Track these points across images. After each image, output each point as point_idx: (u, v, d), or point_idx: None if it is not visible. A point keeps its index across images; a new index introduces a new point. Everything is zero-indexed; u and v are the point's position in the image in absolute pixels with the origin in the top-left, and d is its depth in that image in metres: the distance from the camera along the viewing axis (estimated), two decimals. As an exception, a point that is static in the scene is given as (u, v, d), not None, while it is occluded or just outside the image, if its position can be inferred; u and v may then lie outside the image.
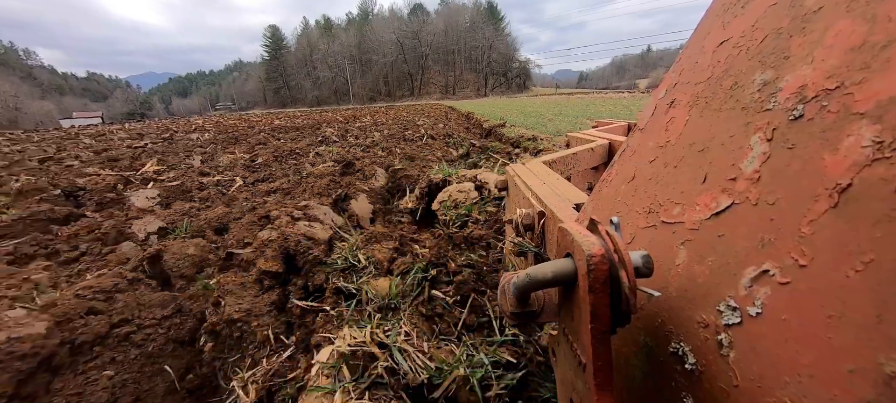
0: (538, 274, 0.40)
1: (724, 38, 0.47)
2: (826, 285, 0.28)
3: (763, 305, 0.33)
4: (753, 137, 0.38)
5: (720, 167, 0.41)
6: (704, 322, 0.38)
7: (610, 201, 0.60)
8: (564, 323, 0.45)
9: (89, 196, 3.34)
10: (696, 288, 0.39)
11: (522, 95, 75.21)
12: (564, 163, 1.51)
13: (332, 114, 21.94)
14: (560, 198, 0.83)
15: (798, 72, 0.35)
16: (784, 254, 0.32)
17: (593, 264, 0.34)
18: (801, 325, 0.30)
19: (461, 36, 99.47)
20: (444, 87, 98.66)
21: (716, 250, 0.38)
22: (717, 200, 0.40)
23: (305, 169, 4.31)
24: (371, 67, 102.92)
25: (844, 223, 0.28)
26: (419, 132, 7.18)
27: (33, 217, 2.63)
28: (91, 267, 2.07)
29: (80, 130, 19.02)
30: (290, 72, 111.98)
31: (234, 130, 11.49)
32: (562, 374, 0.50)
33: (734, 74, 0.43)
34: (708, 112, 0.45)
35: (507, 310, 0.46)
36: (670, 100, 0.53)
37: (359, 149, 5.45)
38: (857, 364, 0.26)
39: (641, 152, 0.56)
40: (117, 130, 17.21)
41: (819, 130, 0.32)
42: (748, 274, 0.34)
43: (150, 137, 10.66)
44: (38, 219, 2.65)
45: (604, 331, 0.37)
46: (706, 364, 0.37)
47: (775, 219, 0.33)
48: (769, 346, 0.31)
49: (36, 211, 2.69)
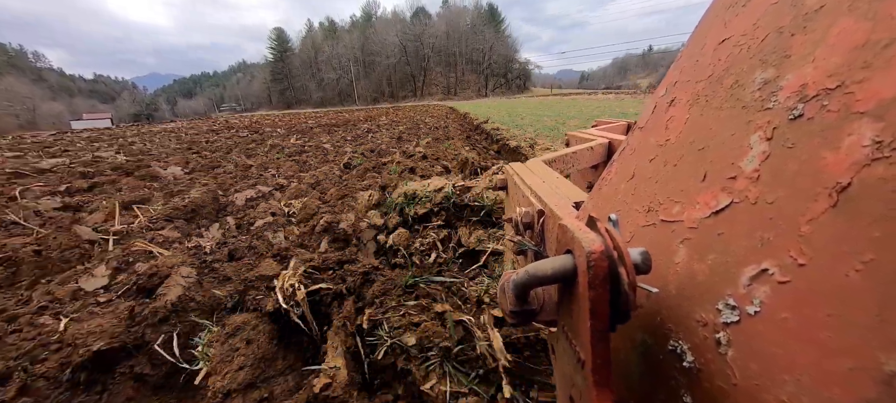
0: (538, 272, 0.40)
1: (725, 36, 0.46)
2: (825, 284, 0.28)
3: (762, 303, 0.32)
4: (753, 136, 0.38)
5: (720, 166, 0.41)
6: (703, 321, 0.38)
7: (609, 199, 0.60)
8: (564, 320, 0.45)
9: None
10: (695, 286, 0.39)
11: (522, 95, 75.55)
12: (564, 162, 1.51)
13: (348, 115, 25.02)
14: (560, 196, 0.83)
15: (799, 71, 0.35)
16: (783, 253, 0.32)
17: (593, 260, 0.34)
18: (799, 324, 0.29)
19: (462, 38, 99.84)
20: (446, 87, 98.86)
21: (715, 248, 0.38)
22: (717, 198, 0.40)
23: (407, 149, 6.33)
24: (374, 68, 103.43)
25: (844, 223, 0.28)
26: (428, 127, 10.38)
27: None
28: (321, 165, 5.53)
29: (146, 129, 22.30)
30: (295, 73, 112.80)
31: (300, 124, 15.83)
32: (561, 370, 0.50)
33: (735, 72, 0.43)
34: (708, 111, 0.45)
35: (507, 308, 0.46)
36: (670, 98, 0.53)
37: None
38: (856, 363, 0.26)
39: (641, 150, 0.56)
40: (186, 128, 19.85)
41: (819, 129, 0.32)
42: (747, 273, 0.34)
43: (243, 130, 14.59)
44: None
45: (603, 328, 0.37)
46: (704, 362, 0.37)
47: (775, 218, 0.33)
48: (768, 345, 0.31)
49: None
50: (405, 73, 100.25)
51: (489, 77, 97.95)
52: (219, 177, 4.80)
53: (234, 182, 4.42)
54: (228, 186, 4.22)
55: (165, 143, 9.88)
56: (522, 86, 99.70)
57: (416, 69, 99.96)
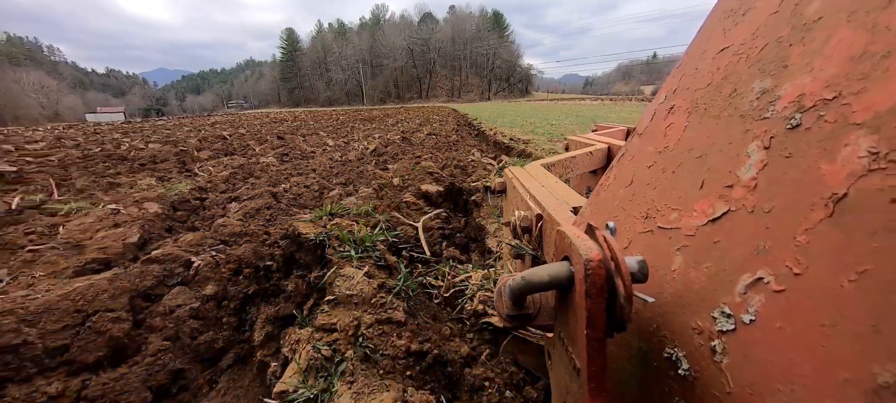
0: (534, 278, 0.40)
1: (724, 45, 0.47)
2: (821, 294, 0.28)
3: (757, 312, 0.32)
4: (751, 145, 0.38)
5: (717, 174, 0.41)
6: (699, 328, 0.38)
7: (607, 205, 0.60)
8: (560, 327, 0.45)
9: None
10: (691, 294, 0.39)
11: (523, 99, 76.08)
12: (563, 166, 1.51)
13: (366, 113, 28.16)
14: (558, 201, 0.83)
15: (797, 81, 0.35)
16: (779, 262, 0.32)
17: (591, 269, 0.34)
18: (795, 333, 0.29)
19: (467, 43, 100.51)
20: (450, 90, 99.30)
21: (711, 256, 0.38)
22: (714, 206, 0.40)
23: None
24: (381, 70, 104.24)
25: (840, 233, 0.28)
26: (436, 121, 14.25)
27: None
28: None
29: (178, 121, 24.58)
30: (304, 73, 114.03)
31: (333, 120, 18.08)
32: (557, 377, 0.50)
33: (733, 81, 0.43)
34: (707, 119, 0.45)
35: (503, 312, 0.46)
36: (669, 105, 0.53)
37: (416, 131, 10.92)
38: (850, 374, 0.26)
39: (640, 156, 0.56)
40: (213, 123, 21.62)
41: (816, 139, 0.32)
42: (743, 281, 0.34)
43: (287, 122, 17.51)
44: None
45: (599, 336, 0.36)
46: (699, 369, 0.37)
47: (771, 227, 0.33)
48: (763, 353, 0.31)
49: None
50: (411, 75, 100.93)
51: (492, 81, 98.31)
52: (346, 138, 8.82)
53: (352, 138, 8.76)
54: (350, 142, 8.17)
55: (260, 129, 12.63)
56: (524, 90, 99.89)
57: (422, 72, 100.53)
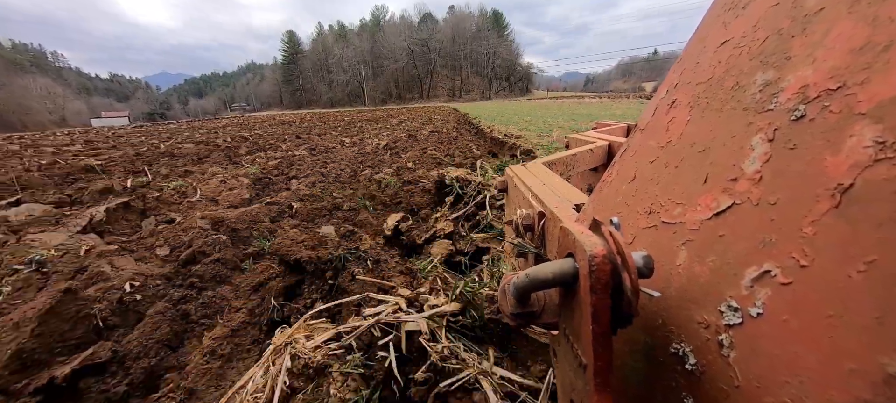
0: (538, 275, 0.40)
1: (725, 38, 0.46)
2: (827, 285, 0.28)
3: (764, 305, 0.32)
4: (755, 138, 0.37)
5: (721, 168, 0.40)
6: (705, 323, 0.37)
7: (610, 201, 0.60)
8: (565, 324, 0.45)
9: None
10: (697, 288, 0.39)
11: (522, 98, 76.24)
12: (564, 164, 1.51)
13: (370, 114, 29.86)
14: (560, 199, 0.83)
15: (800, 72, 0.35)
16: (785, 255, 0.32)
17: (596, 264, 0.34)
18: (802, 326, 0.29)
19: (467, 42, 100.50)
20: (451, 90, 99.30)
21: (716, 250, 0.38)
22: (718, 200, 0.39)
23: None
24: (382, 71, 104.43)
25: (846, 224, 0.28)
26: (438, 119, 15.91)
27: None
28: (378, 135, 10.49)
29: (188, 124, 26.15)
30: (306, 75, 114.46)
31: (342, 120, 19.61)
32: (562, 374, 0.50)
33: (735, 74, 0.43)
34: (709, 112, 0.45)
35: (507, 311, 0.46)
36: (671, 100, 0.53)
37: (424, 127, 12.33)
38: (858, 365, 0.25)
39: (642, 152, 0.56)
40: (225, 125, 22.85)
41: (821, 130, 0.32)
42: (749, 274, 0.34)
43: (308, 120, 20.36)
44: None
45: (605, 332, 0.36)
46: (707, 364, 0.37)
47: (776, 219, 0.33)
48: (770, 346, 0.31)
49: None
50: (412, 75, 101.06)
51: (493, 80, 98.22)
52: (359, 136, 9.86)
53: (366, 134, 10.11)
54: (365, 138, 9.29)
55: (274, 130, 13.77)
56: (524, 89, 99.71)
57: (422, 72, 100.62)
